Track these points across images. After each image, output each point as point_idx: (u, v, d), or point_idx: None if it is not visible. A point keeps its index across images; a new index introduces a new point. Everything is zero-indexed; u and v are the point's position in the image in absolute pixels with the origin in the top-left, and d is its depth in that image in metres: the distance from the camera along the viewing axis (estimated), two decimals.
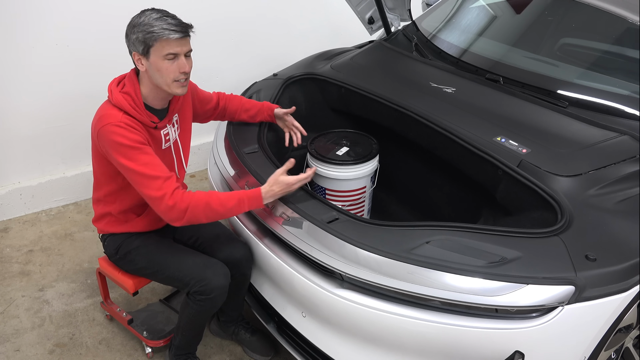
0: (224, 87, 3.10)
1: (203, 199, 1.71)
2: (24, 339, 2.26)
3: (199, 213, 1.72)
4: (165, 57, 1.70)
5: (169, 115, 1.89)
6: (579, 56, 2.43)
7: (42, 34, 2.72)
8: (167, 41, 1.68)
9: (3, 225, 2.94)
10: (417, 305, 1.58)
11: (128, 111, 1.74)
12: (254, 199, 1.75)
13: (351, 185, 2.23)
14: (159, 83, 1.76)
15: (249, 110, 2.24)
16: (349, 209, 2.26)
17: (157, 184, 1.70)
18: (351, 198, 2.26)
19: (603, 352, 1.69)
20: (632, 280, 1.56)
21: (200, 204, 1.71)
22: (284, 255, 1.82)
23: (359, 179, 2.22)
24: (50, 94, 2.87)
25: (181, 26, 1.70)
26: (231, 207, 1.73)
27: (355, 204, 2.29)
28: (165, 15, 1.70)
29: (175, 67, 1.72)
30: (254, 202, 1.76)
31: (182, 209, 1.70)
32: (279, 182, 1.76)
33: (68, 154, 3.06)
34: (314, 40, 3.58)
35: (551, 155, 1.89)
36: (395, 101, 2.22)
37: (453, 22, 2.78)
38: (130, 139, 1.70)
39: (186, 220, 1.72)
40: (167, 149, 1.92)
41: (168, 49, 1.69)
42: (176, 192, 1.70)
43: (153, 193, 1.70)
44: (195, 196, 1.72)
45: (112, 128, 1.70)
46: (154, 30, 1.66)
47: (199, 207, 1.71)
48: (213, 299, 1.86)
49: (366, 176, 2.24)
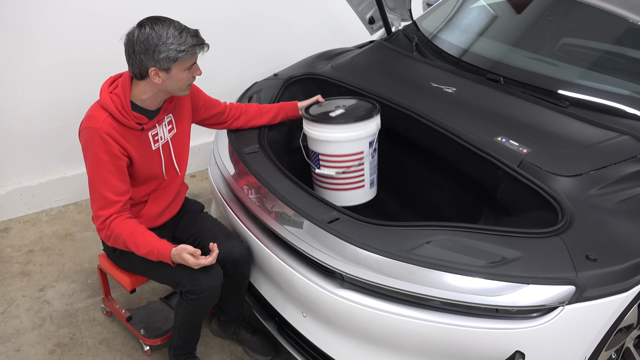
0: (224, 87, 3.12)
1: (124, 233, 1.79)
2: (24, 339, 2.26)
3: (119, 245, 1.84)
4: (187, 68, 1.76)
5: (160, 116, 1.89)
6: (579, 56, 2.43)
7: (42, 35, 2.72)
8: (195, 55, 1.75)
9: (3, 225, 2.94)
10: (418, 305, 1.58)
11: (114, 114, 1.76)
12: (162, 255, 1.79)
13: (345, 148, 2.08)
14: (171, 89, 1.79)
15: (269, 112, 2.25)
16: (347, 177, 2.12)
17: (101, 203, 1.80)
18: (346, 163, 2.09)
19: (603, 352, 1.69)
20: (632, 280, 1.56)
21: (120, 238, 1.80)
22: (284, 255, 1.82)
23: (353, 141, 2.07)
24: (51, 94, 2.87)
25: (199, 38, 1.75)
26: (143, 253, 1.80)
27: (352, 171, 2.11)
28: (184, 30, 1.72)
29: (189, 73, 1.78)
30: (163, 258, 1.79)
31: (107, 235, 1.83)
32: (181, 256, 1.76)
33: (68, 154, 3.06)
34: (315, 40, 3.58)
35: (552, 155, 1.89)
36: (396, 101, 2.22)
37: (454, 22, 2.78)
38: (102, 151, 1.75)
39: (110, 244, 1.87)
40: (157, 150, 1.92)
41: (191, 61, 1.76)
42: (110, 219, 1.80)
43: (94, 209, 1.83)
44: (120, 228, 1.79)
45: (91, 134, 1.75)
46: (185, 49, 1.70)
47: (119, 240, 1.81)
48: (205, 298, 1.86)
49: (362, 139, 2.08)
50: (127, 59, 1.75)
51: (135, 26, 1.73)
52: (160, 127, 1.90)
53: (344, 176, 2.11)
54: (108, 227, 1.80)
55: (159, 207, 2.01)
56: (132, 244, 1.79)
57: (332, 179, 2.12)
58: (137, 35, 1.70)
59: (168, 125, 1.94)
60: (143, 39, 1.69)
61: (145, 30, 1.69)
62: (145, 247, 1.78)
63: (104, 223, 1.80)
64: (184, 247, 1.77)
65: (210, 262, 1.77)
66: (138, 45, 1.69)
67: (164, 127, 1.92)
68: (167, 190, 2.02)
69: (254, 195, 1.95)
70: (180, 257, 1.76)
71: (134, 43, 1.70)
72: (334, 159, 2.10)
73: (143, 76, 1.75)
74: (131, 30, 1.73)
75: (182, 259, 1.76)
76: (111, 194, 1.79)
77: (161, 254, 1.78)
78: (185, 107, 2.01)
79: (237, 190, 2.00)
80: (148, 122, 1.84)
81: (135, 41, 1.70)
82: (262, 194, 1.92)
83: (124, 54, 1.75)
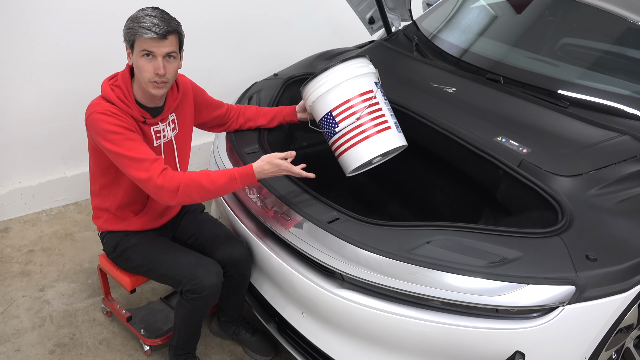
0: (224, 87, 3.12)
1: (194, 178, 1.72)
2: (24, 339, 2.26)
3: (192, 191, 1.72)
4: (141, 53, 1.71)
5: (164, 114, 1.89)
6: (579, 56, 2.43)
7: (42, 34, 2.72)
8: (144, 39, 1.69)
9: (3, 225, 2.94)
10: (418, 305, 1.58)
11: (115, 102, 1.76)
12: (246, 175, 1.75)
13: (353, 88, 1.94)
14: (140, 80, 1.78)
15: (267, 114, 2.24)
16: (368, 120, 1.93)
17: (144, 166, 1.71)
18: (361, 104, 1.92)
19: (604, 352, 1.69)
20: (632, 280, 1.56)
21: (191, 183, 1.71)
22: (284, 255, 1.82)
23: (358, 77, 1.95)
24: (51, 94, 2.87)
25: (160, 27, 1.68)
26: (223, 184, 1.74)
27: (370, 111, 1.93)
28: (153, 15, 1.70)
29: (151, 66, 1.72)
30: (246, 178, 1.75)
31: (173, 189, 1.70)
32: (272, 162, 1.75)
33: (68, 154, 3.06)
34: (315, 40, 3.58)
35: (552, 155, 1.89)
36: (396, 101, 2.22)
37: (454, 22, 2.78)
38: (114, 124, 1.72)
39: (178, 199, 1.73)
40: (159, 146, 1.92)
41: (144, 46, 1.70)
42: (164, 173, 1.71)
43: (141, 174, 1.71)
44: (186, 176, 1.73)
45: (97, 115, 1.73)
46: (134, 26, 1.69)
47: (191, 186, 1.71)
48: (205, 298, 1.86)
49: (365, 75, 1.97)
50: None
51: None
52: (164, 124, 1.90)
53: (366, 119, 1.93)
54: (170, 180, 1.70)
55: (160, 207, 2.01)
56: (207, 181, 1.71)
57: (356, 128, 1.93)
58: None
59: (172, 124, 1.94)
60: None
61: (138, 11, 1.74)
62: (222, 177, 1.73)
63: (161, 177, 1.69)
64: (270, 154, 1.76)
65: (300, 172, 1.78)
66: None
67: (168, 125, 1.92)
68: None
69: (254, 195, 1.95)
70: (270, 163, 1.74)
71: None
72: (346, 105, 1.94)
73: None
74: None
75: (273, 165, 1.74)
76: (148, 155, 1.73)
77: (244, 174, 1.74)
78: (188, 108, 2.01)
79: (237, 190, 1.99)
80: (151, 118, 1.85)
81: None
82: (262, 194, 1.92)
83: None
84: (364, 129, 1.92)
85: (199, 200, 1.76)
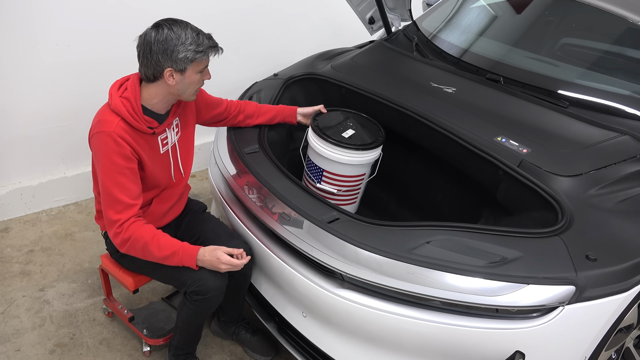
0: (224, 87, 3.12)
1: (145, 237, 1.76)
2: (24, 339, 2.26)
3: (136, 249, 1.78)
4: (200, 70, 1.77)
5: (169, 119, 1.89)
6: (579, 56, 2.43)
7: (43, 34, 2.72)
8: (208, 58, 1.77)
9: (3, 225, 2.94)
10: (418, 305, 1.58)
11: (125, 118, 1.75)
12: (187, 255, 1.78)
13: (352, 170, 2.16)
14: (181, 93, 1.79)
15: (267, 113, 2.24)
16: (344, 195, 2.21)
17: (118, 207, 1.76)
18: (349, 184, 2.19)
19: (604, 352, 1.69)
20: (632, 280, 1.56)
21: (140, 240, 1.76)
22: (284, 255, 1.82)
23: (361, 165, 2.15)
24: (51, 94, 2.86)
25: (214, 40, 1.78)
26: (166, 255, 1.78)
27: (351, 190, 2.22)
28: (200, 32, 1.75)
29: (201, 77, 1.80)
30: (187, 258, 1.78)
31: (125, 238, 1.76)
32: (213, 254, 1.78)
33: (69, 154, 3.06)
34: (315, 40, 3.58)
35: (552, 155, 1.89)
36: (396, 101, 2.22)
37: (453, 22, 2.78)
38: (116, 153, 1.73)
39: (125, 250, 1.79)
40: (165, 153, 1.92)
41: (205, 63, 1.78)
42: (128, 222, 1.76)
43: (111, 215, 1.76)
44: (140, 231, 1.76)
45: (104, 138, 1.73)
46: (202, 50, 1.72)
47: (138, 244, 1.76)
48: (209, 299, 1.86)
49: (368, 164, 2.18)
50: (142, 59, 1.74)
51: (150, 27, 1.73)
52: (169, 130, 1.90)
53: (343, 194, 2.20)
54: (126, 230, 1.75)
55: (164, 208, 2.01)
56: (154, 246, 1.76)
57: (329, 194, 2.19)
58: (155, 35, 1.70)
59: (175, 129, 1.94)
60: (162, 39, 1.69)
61: (164, 31, 1.70)
62: (168, 248, 1.77)
63: (121, 227, 1.76)
64: (218, 247, 1.79)
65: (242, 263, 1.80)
66: (156, 45, 1.70)
67: (172, 130, 1.92)
68: (171, 192, 2.02)
69: (254, 195, 1.95)
70: (212, 254, 1.77)
71: (152, 43, 1.70)
72: (338, 177, 2.17)
73: (156, 77, 1.75)
74: (146, 31, 1.73)
75: (213, 257, 1.76)
76: (127, 198, 1.76)
77: (186, 254, 1.77)
78: (190, 109, 2.01)
79: (237, 190, 2.00)
80: (158, 126, 1.84)
81: (152, 41, 1.70)
82: (262, 194, 1.92)
83: (137, 55, 1.75)
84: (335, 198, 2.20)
85: (141, 257, 1.80)
